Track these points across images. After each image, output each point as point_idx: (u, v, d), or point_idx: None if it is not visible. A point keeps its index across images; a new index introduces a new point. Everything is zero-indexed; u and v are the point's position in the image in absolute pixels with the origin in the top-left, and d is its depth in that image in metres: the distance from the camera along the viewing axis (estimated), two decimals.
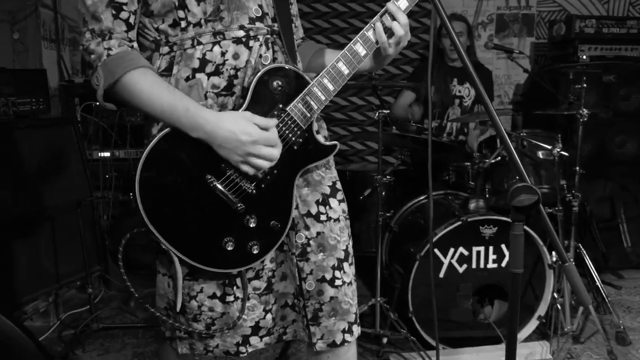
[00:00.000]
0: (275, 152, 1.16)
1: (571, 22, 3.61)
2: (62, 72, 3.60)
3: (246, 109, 1.16)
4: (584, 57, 2.55)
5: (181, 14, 1.15)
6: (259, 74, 1.16)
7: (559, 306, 2.37)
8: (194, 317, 1.25)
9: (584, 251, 2.60)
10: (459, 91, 3.31)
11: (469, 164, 2.65)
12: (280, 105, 1.19)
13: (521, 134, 2.47)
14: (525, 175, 1.08)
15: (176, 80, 1.17)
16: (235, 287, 1.25)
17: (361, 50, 1.23)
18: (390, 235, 2.68)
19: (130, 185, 1.11)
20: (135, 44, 1.17)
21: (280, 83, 1.17)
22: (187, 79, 1.17)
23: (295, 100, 1.20)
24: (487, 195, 2.51)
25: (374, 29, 1.23)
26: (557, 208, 2.36)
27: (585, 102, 2.55)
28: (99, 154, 3.39)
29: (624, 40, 3.63)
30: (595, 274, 2.63)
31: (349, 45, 1.22)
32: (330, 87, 1.21)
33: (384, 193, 2.53)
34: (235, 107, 1.18)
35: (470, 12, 4.12)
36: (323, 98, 1.22)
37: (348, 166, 3.30)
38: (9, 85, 2.67)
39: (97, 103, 3.65)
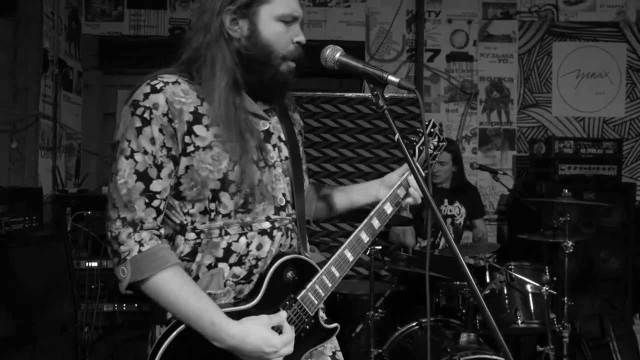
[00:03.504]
0: (291, 349, 1.19)
1: (551, 142, 3.80)
2: (56, 181, 3.64)
3: (261, 299, 1.19)
4: (566, 191, 2.66)
5: (212, 205, 1.19)
6: (274, 266, 1.22)
7: None
8: None
9: None
10: (450, 210, 3.40)
11: (458, 283, 2.67)
12: (292, 295, 1.24)
13: (509, 267, 2.52)
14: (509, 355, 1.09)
15: (198, 266, 1.20)
16: None
17: (364, 237, 1.32)
18: None
19: None
20: (162, 230, 1.19)
21: (292, 274, 1.24)
22: (210, 267, 1.20)
23: (306, 289, 1.25)
24: (478, 327, 2.51)
25: (378, 218, 1.35)
26: (549, 347, 2.37)
27: (569, 224, 2.63)
28: (87, 263, 3.35)
29: (601, 160, 3.82)
30: None
31: (354, 233, 1.31)
32: (337, 274, 1.28)
33: (371, 320, 2.51)
34: (250, 292, 1.22)
35: (454, 127, 4.33)
36: (330, 285, 1.28)
37: (339, 289, 3.28)
38: (3, 204, 2.69)
39: (88, 212, 3.63)
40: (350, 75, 1.22)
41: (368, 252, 2.33)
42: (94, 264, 3.34)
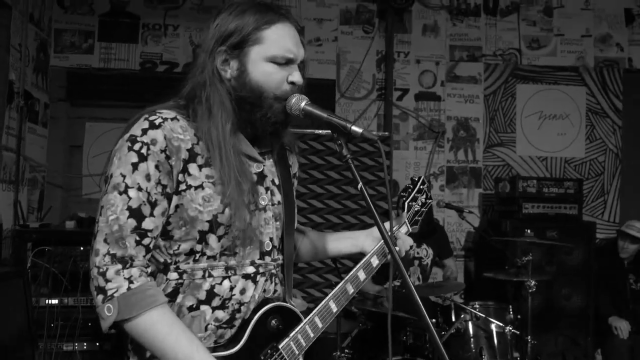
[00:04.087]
0: None
1: (515, 182, 3.91)
2: (18, 215, 3.54)
3: (243, 345, 1.17)
4: (529, 231, 2.73)
5: (198, 247, 1.17)
6: (259, 313, 1.21)
7: None
8: None
9: None
10: (417, 253, 3.44)
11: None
12: (274, 344, 1.22)
13: (474, 306, 2.55)
14: None
15: (179, 308, 1.17)
16: None
17: (350, 288, 1.33)
18: None
19: None
20: (150, 268, 1.16)
21: (276, 322, 1.23)
22: (191, 309, 1.17)
23: (288, 339, 1.24)
24: None
25: (364, 270, 1.36)
26: None
27: (532, 262, 2.69)
28: (47, 301, 3.24)
29: (563, 199, 3.94)
30: None
31: (340, 284, 1.32)
32: (320, 324, 1.28)
33: None
34: (232, 338, 1.20)
35: (422, 164, 4.41)
36: (312, 335, 1.27)
37: None
38: None
39: (49, 248, 3.51)
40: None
41: None
42: (55, 301, 3.23)
